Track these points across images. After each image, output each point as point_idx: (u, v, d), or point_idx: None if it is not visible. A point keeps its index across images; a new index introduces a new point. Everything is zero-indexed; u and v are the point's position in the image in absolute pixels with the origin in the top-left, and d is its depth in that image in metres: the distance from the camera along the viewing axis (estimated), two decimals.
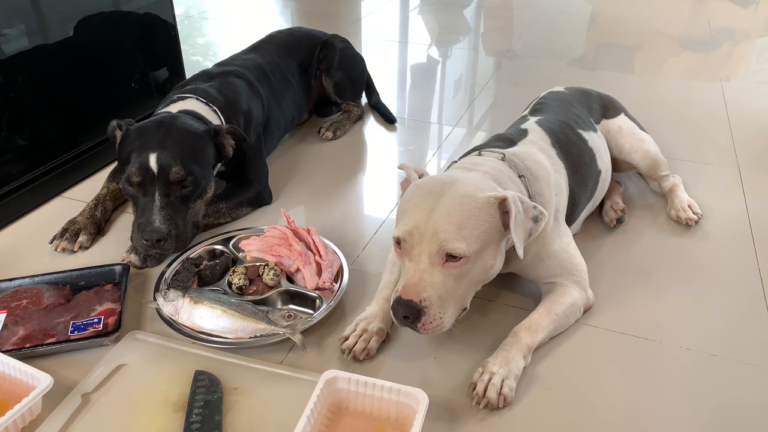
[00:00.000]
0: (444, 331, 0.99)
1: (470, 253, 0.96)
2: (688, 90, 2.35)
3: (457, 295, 0.99)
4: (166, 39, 1.96)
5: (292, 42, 1.91)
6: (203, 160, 1.34)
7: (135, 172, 1.26)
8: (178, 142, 1.30)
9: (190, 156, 1.30)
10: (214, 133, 1.38)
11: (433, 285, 0.96)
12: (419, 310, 0.95)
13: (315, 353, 1.10)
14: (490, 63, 2.68)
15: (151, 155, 1.26)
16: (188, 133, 1.33)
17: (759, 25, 3.33)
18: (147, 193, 1.27)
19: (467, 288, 1.01)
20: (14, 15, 1.46)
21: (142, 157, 1.27)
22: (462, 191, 1.00)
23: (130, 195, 1.30)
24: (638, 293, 1.26)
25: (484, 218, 0.98)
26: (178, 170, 1.27)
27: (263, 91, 1.68)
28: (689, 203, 1.49)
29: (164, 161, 1.26)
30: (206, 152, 1.36)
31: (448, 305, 0.98)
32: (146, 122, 1.35)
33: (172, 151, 1.28)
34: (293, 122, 1.89)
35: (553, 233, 1.17)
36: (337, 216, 1.53)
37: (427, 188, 1.02)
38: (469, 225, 0.96)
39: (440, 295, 0.96)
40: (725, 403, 1.01)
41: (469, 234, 0.96)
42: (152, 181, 1.27)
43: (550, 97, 1.51)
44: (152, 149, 1.27)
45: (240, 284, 1.19)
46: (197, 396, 0.97)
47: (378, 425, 0.92)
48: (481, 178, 1.06)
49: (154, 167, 1.26)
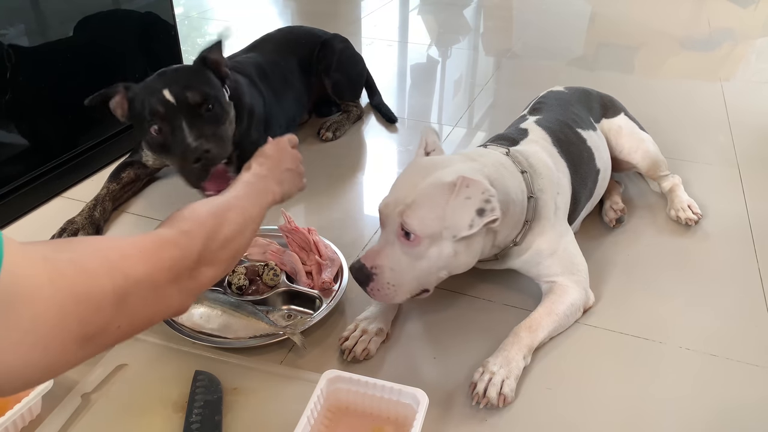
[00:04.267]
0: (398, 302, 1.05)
1: (422, 233, 0.97)
2: (687, 90, 2.35)
3: (412, 273, 1.00)
4: (166, 39, 1.96)
5: (292, 40, 1.90)
6: (211, 82, 1.38)
7: (156, 106, 1.28)
8: (181, 75, 1.35)
9: (197, 80, 1.34)
10: (203, 60, 1.41)
11: (389, 256, 1.00)
12: (368, 275, 1.00)
13: (315, 353, 1.10)
14: (490, 63, 2.68)
15: (164, 90, 1.29)
16: (185, 67, 1.41)
17: (759, 25, 3.33)
18: (175, 129, 1.29)
19: (425, 271, 1.01)
20: (14, 14, 1.46)
21: (156, 97, 1.29)
22: (440, 175, 1.00)
23: (160, 144, 1.32)
24: (638, 293, 1.26)
25: (442, 204, 0.97)
26: (193, 94, 1.30)
27: (264, 89, 1.68)
28: (689, 203, 1.49)
29: (178, 90, 1.29)
30: (208, 75, 1.40)
31: (401, 280, 1.00)
32: (147, 78, 1.38)
33: (180, 82, 1.31)
34: (295, 121, 1.88)
35: (555, 232, 1.17)
36: (337, 216, 1.53)
37: (419, 167, 1.05)
38: (426, 205, 0.98)
39: (392, 267, 1.00)
40: (725, 403, 1.01)
41: (424, 215, 0.97)
42: (175, 114, 1.29)
43: (549, 97, 1.51)
44: (162, 88, 1.30)
45: (240, 284, 1.19)
46: (197, 396, 0.97)
47: (378, 425, 0.92)
48: (472, 170, 1.04)
49: (171, 98, 1.29)
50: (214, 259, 0.76)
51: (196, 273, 0.73)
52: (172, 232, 0.72)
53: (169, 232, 0.72)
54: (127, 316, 0.62)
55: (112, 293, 0.59)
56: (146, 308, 0.66)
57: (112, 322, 0.60)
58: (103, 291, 0.58)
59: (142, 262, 0.64)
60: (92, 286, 0.57)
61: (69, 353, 0.56)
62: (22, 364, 0.52)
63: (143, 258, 0.65)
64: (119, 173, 1.56)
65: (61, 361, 0.56)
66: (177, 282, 0.69)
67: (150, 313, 0.67)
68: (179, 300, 0.71)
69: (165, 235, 0.71)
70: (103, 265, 0.60)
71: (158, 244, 0.68)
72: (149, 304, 0.66)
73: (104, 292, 0.58)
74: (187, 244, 0.71)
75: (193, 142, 1.27)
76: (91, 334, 0.58)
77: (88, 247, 0.62)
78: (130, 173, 1.57)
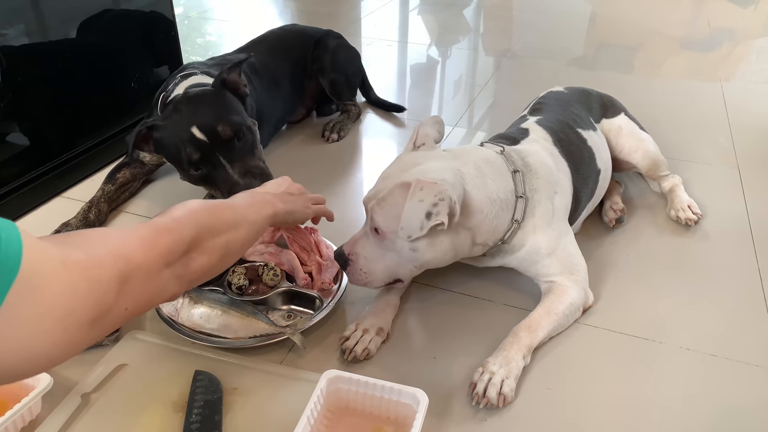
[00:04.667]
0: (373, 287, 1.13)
1: (386, 230, 1.03)
2: (687, 90, 2.35)
3: (384, 264, 1.07)
4: (166, 39, 1.96)
5: (284, 41, 1.90)
6: (234, 109, 1.36)
7: (191, 152, 1.27)
8: (206, 106, 1.32)
9: (223, 111, 1.32)
10: (222, 82, 1.39)
11: (364, 246, 1.09)
12: (346, 260, 1.10)
13: (315, 353, 1.10)
14: (490, 63, 2.68)
15: (192, 129, 1.27)
16: (206, 96, 1.36)
17: (759, 25, 3.33)
18: (215, 166, 1.29)
19: (393, 262, 1.07)
20: (14, 14, 1.46)
21: (186, 137, 1.27)
22: (411, 174, 1.03)
23: (202, 179, 1.32)
24: (638, 293, 1.26)
25: (400, 203, 0.99)
26: (223, 128, 1.28)
27: (254, 86, 1.68)
28: (689, 203, 1.49)
29: (207, 127, 1.28)
30: (230, 100, 1.38)
31: (374, 267, 1.08)
32: (167, 114, 1.35)
33: (207, 116, 1.29)
34: (283, 120, 1.89)
35: (554, 231, 1.17)
36: (336, 216, 1.53)
37: (400, 163, 1.11)
38: (389, 204, 1.02)
39: (366, 256, 1.08)
40: (725, 404, 1.01)
41: (387, 213, 1.02)
42: (211, 150, 1.28)
43: (549, 97, 1.51)
44: (190, 125, 1.28)
45: (240, 284, 1.19)
46: (197, 396, 0.97)
47: (378, 425, 0.92)
48: (446, 168, 1.05)
49: (203, 137, 1.27)
50: (205, 247, 0.82)
51: (187, 259, 0.79)
52: (166, 219, 0.79)
53: (163, 219, 0.79)
54: (131, 297, 0.68)
55: (117, 277, 0.65)
56: (146, 290, 0.72)
57: (119, 302, 0.66)
58: (109, 274, 0.64)
59: (140, 248, 0.71)
60: (101, 271, 0.63)
61: (83, 333, 0.61)
62: (45, 345, 0.57)
63: (141, 244, 0.71)
64: (114, 174, 1.56)
65: (77, 341, 0.61)
66: (170, 266, 0.75)
67: (149, 295, 0.73)
68: (174, 285, 0.77)
69: (159, 222, 0.77)
70: (108, 252, 0.66)
71: (153, 232, 0.75)
72: (148, 287, 0.72)
73: (111, 276, 0.64)
74: (179, 229, 0.77)
75: (240, 180, 1.28)
76: (102, 315, 0.63)
77: (93, 237, 0.69)
78: (125, 173, 1.57)
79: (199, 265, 0.81)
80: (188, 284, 0.81)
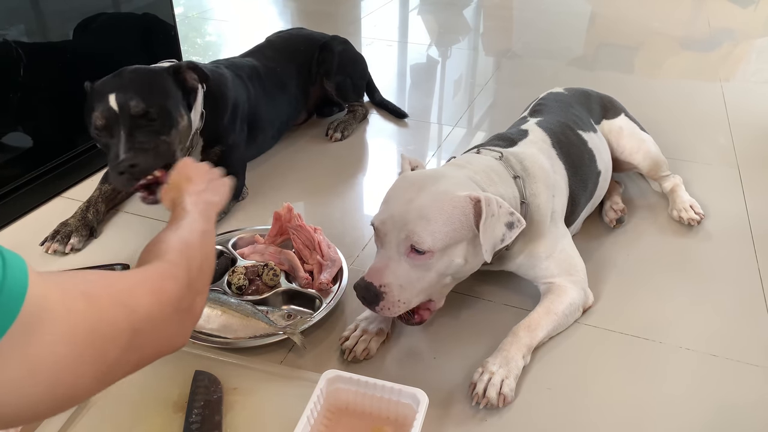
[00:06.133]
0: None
1: (435, 248, 0.98)
2: (687, 90, 2.35)
3: (420, 286, 1.00)
4: (165, 39, 1.96)
5: (290, 46, 1.90)
6: (164, 92, 1.34)
7: (98, 116, 1.27)
8: (134, 80, 1.31)
9: (148, 90, 1.31)
10: (174, 71, 1.38)
11: (396, 273, 0.99)
12: (377, 294, 0.99)
13: (315, 353, 1.10)
14: (490, 63, 2.68)
15: (110, 96, 1.27)
16: (145, 71, 1.35)
17: (759, 25, 3.33)
18: (114, 135, 1.28)
19: (433, 281, 1.02)
20: (13, 15, 1.46)
21: (102, 101, 1.27)
22: (441, 188, 1.01)
23: (101, 144, 1.31)
24: (638, 293, 1.26)
25: (456, 216, 0.99)
26: (136, 103, 1.27)
27: (251, 88, 1.68)
28: (691, 203, 1.49)
29: (123, 98, 1.27)
30: (165, 85, 1.36)
31: (409, 294, 1.00)
32: (107, 76, 1.35)
33: (129, 88, 1.29)
34: (288, 123, 1.89)
35: (551, 234, 1.17)
36: (336, 216, 1.53)
37: (410, 181, 1.05)
38: (439, 221, 0.98)
39: (401, 284, 0.99)
40: (725, 404, 1.01)
41: (437, 230, 0.98)
42: (116, 121, 1.27)
43: (549, 98, 1.51)
44: (109, 91, 1.28)
45: (240, 284, 1.19)
46: (197, 396, 0.97)
47: (378, 425, 0.92)
48: (465, 178, 1.06)
49: (114, 106, 1.27)
50: (199, 287, 0.77)
51: (191, 303, 0.73)
52: (165, 264, 0.72)
53: (163, 265, 0.72)
54: (138, 349, 0.63)
55: (124, 328, 0.59)
56: (155, 341, 0.66)
57: (124, 356, 0.60)
58: (115, 326, 0.59)
59: (149, 295, 0.65)
60: (105, 322, 0.58)
61: (81, 387, 0.56)
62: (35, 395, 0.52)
63: (150, 292, 0.65)
64: None
65: (73, 394, 0.56)
66: (178, 313, 0.70)
67: (158, 346, 0.68)
68: (182, 330, 0.72)
69: (162, 268, 0.71)
70: (114, 301, 0.60)
71: (159, 277, 0.69)
72: (158, 337, 0.66)
73: (117, 328, 0.59)
74: (178, 274, 0.72)
75: (122, 154, 1.25)
76: (105, 368, 0.58)
77: (98, 283, 0.62)
78: None
79: (199, 307, 0.76)
80: (193, 325, 0.76)
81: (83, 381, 0.56)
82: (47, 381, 0.52)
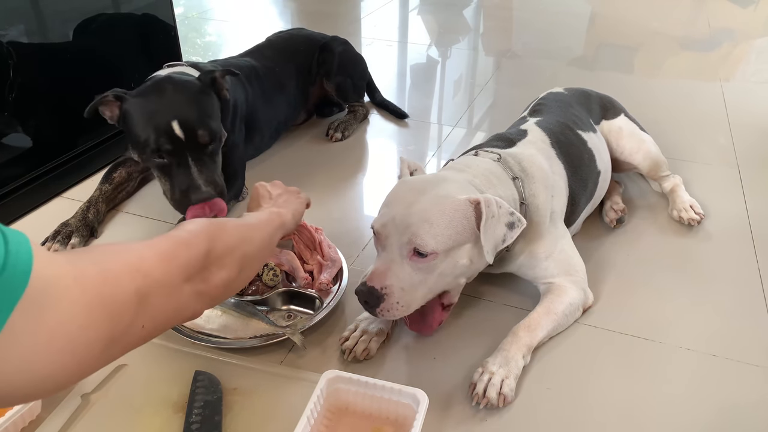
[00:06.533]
0: None
1: (438, 250, 0.98)
2: (687, 90, 2.35)
3: (423, 289, 1.01)
4: (165, 40, 1.96)
5: (290, 46, 1.90)
6: (216, 114, 1.38)
7: (163, 143, 1.27)
8: (191, 102, 1.32)
9: (206, 114, 1.33)
10: (212, 82, 1.40)
11: (398, 276, 0.99)
12: (379, 297, 0.99)
13: (315, 353, 1.10)
14: (490, 63, 2.68)
15: (173, 123, 1.27)
16: (191, 89, 1.36)
17: (759, 25, 3.33)
18: (180, 161, 1.29)
19: (435, 284, 1.02)
20: (13, 15, 1.46)
21: (163, 125, 1.27)
22: (442, 192, 1.02)
23: (159, 166, 1.32)
24: (638, 293, 1.26)
25: (458, 219, 0.99)
26: (203, 133, 1.30)
27: (250, 88, 1.68)
28: (691, 203, 1.49)
29: (188, 126, 1.28)
30: (215, 105, 1.39)
31: (411, 297, 1.00)
32: (145, 89, 1.34)
33: (190, 114, 1.30)
34: (286, 124, 1.89)
35: (550, 235, 1.17)
36: (336, 216, 1.53)
37: (410, 185, 1.05)
38: (441, 224, 0.98)
39: (403, 287, 0.99)
40: (725, 404, 1.01)
41: (440, 233, 0.98)
42: (182, 150, 1.29)
43: (549, 98, 1.51)
44: (170, 116, 1.28)
45: None
46: (197, 396, 0.97)
47: (378, 425, 0.92)
48: (465, 182, 1.07)
49: (180, 134, 1.27)
50: (222, 262, 0.78)
51: (207, 274, 0.75)
52: (181, 233, 0.75)
53: (179, 233, 0.75)
54: (149, 315, 0.64)
55: (134, 293, 0.61)
56: (166, 308, 0.68)
57: (136, 322, 0.62)
58: (125, 291, 0.60)
59: (158, 262, 0.66)
60: (115, 286, 0.59)
61: (95, 355, 0.57)
62: (52, 368, 0.53)
63: (159, 258, 0.67)
64: (111, 174, 1.56)
65: (88, 363, 0.57)
66: (190, 281, 0.71)
67: (169, 313, 0.69)
68: (194, 301, 0.73)
69: (176, 236, 0.74)
70: (124, 267, 0.62)
71: (171, 245, 0.71)
72: (168, 304, 0.68)
73: (127, 292, 0.60)
74: (195, 243, 0.74)
75: (203, 186, 1.29)
76: (117, 336, 0.59)
77: (107, 251, 0.65)
78: (121, 173, 1.57)
79: (220, 279, 0.77)
80: (210, 301, 0.77)
81: (97, 346, 0.57)
82: (64, 353, 0.53)
